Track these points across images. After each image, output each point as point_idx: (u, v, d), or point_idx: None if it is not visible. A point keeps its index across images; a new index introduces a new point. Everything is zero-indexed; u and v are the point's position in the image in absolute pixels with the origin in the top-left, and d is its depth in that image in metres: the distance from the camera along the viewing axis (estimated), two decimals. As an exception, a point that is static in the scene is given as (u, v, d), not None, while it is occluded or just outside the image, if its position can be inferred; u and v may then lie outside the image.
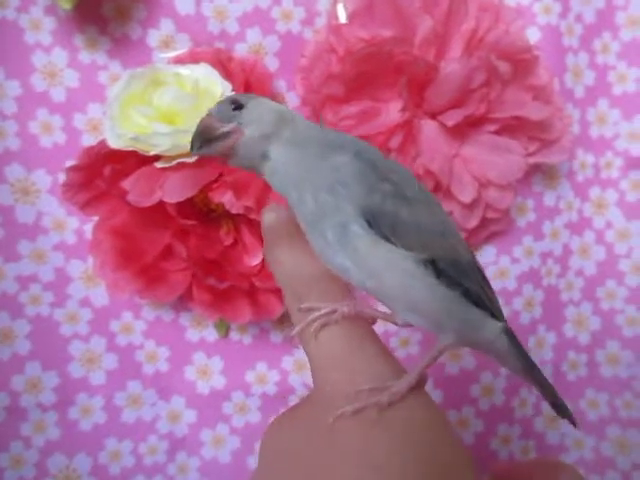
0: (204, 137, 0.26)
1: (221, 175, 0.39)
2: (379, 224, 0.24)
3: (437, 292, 0.25)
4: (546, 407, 0.54)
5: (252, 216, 0.38)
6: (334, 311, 0.26)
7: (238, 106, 0.26)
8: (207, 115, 0.27)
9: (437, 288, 0.25)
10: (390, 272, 0.24)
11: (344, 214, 0.24)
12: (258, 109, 0.26)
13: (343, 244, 0.24)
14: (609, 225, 0.53)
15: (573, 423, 0.31)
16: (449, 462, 0.23)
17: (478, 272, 0.27)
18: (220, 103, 0.27)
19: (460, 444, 0.24)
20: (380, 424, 0.23)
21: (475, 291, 0.26)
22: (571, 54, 0.49)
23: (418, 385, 0.25)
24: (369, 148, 0.26)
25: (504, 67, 0.40)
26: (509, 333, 0.27)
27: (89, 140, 0.45)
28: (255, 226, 0.43)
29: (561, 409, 0.31)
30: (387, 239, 0.24)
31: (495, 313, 0.27)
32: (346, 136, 0.27)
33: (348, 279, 0.26)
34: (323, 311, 0.26)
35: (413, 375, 0.24)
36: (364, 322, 0.27)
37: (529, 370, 0.29)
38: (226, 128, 0.26)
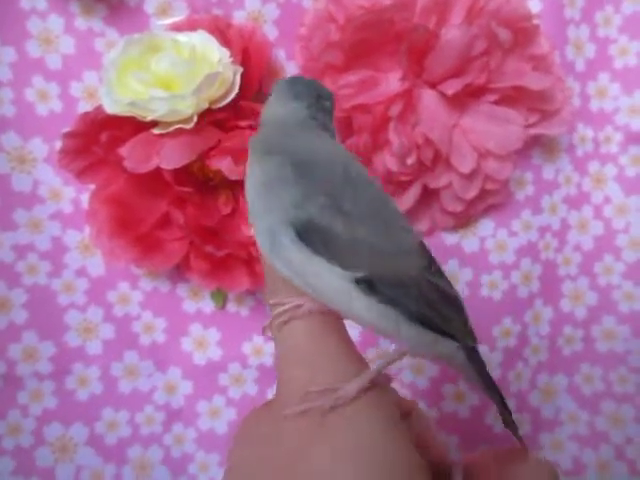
0: None
1: (219, 142, 0.39)
2: (310, 238, 0.23)
3: (374, 311, 0.24)
4: (541, 381, 0.55)
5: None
6: (299, 306, 0.25)
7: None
8: None
9: (374, 307, 0.23)
10: (325, 289, 0.23)
11: (272, 221, 0.23)
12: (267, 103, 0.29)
13: (276, 253, 0.24)
14: (607, 200, 0.53)
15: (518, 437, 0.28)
16: (397, 466, 0.22)
17: (431, 290, 0.24)
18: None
19: (412, 447, 0.23)
20: (323, 428, 0.23)
21: (418, 311, 0.24)
22: (572, 26, 0.49)
23: (377, 386, 0.24)
24: (330, 157, 0.25)
25: (504, 34, 0.40)
26: (470, 353, 0.26)
27: (85, 108, 0.44)
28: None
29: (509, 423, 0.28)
30: (320, 254, 0.23)
31: (452, 332, 0.25)
32: (309, 143, 0.26)
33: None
34: (287, 306, 0.25)
35: (364, 378, 0.23)
36: (334, 317, 0.26)
37: (488, 391, 0.27)
38: None
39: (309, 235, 0.23)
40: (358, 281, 0.23)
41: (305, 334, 0.25)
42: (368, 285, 0.23)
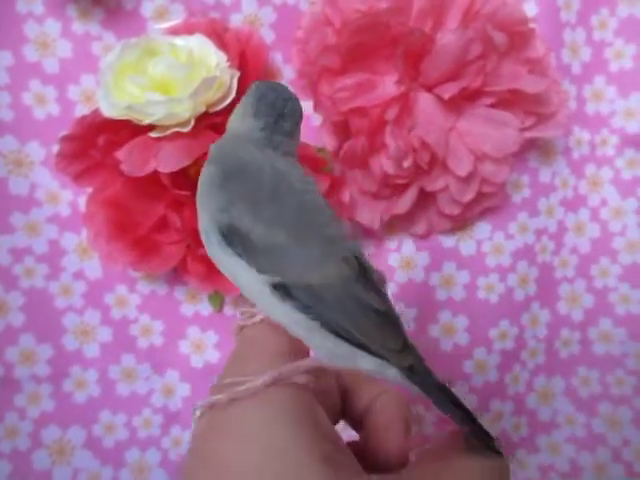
0: None
1: (216, 145, 0.39)
2: (232, 241, 0.24)
3: (289, 317, 0.24)
4: (538, 384, 0.55)
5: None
6: (254, 314, 0.28)
7: None
8: None
9: (289, 313, 0.24)
10: (248, 289, 0.25)
11: (205, 221, 0.25)
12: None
13: (210, 251, 0.25)
14: (604, 203, 0.53)
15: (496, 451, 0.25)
16: (286, 466, 0.21)
17: (352, 302, 0.24)
18: None
19: (310, 447, 0.22)
20: (218, 423, 0.23)
21: (333, 322, 0.24)
22: (568, 29, 0.49)
23: (289, 385, 0.24)
24: (263, 167, 0.25)
25: (500, 38, 0.40)
26: (407, 371, 0.24)
27: (83, 111, 0.45)
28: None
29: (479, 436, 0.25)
30: (241, 257, 0.24)
31: (373, 348, 0.24)
32: (248, 153, 0.26)
33: None
34: (244, 315, 0.29)
35: (268, 375, 0.23)
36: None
37: (442, 408, 0.25)
38: None
39: (231, 238, 0.24)
40: (275, 286, 0.24)
41: (249, 339, 0.27)
42: (284, 291, 0.24)
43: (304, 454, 0.21)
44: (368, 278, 0.25)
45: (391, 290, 0.50)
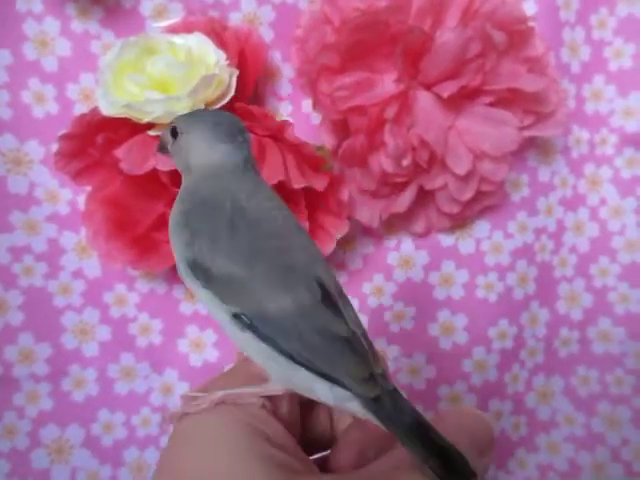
0: (159, 144, 0.31)
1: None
2: (197, 274, 0.25)
3: (251, 345, 0.24)
4: (537, 383, 0.55)
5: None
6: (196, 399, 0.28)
7: (174, 134, 0.29)
8: (165, 131, 0.30)
9: (251, 342, 0.24)
10: (216, 318, 0.25)
11: (177, 255, 0.26)
12: (181, 146, 0.29)
13: (186, 284, 0.26)
14: (603, 202, 0.53)
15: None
16: (237, 471, 0.22)
17: (308, 328, 0.24)
18: (170, 123, 0.29)
19: (261, 454, 0.23)
20: (176, 433, 0.25)
21: (293, 351, 0.24)
22: (568, 28, 0.49)
23: (236, 404, 0.25)
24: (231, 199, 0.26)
25: (499, 37, 0.40)
26: (366, 402, 0.23)
27: (82, 110, 0.45)
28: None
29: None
30: (207, 288, 0.25)
31: (334, 376, 0.23)
32: (227, 186, 0.27)
33: None
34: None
35: (216, 395, 0.24)
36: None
37: (407, 444, 0.23)
38: (166, 146, 0.30)
39: (196, 271, 0.25)
40: (235, 315, 0.24)
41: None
42: (242, 320, 0.24)
43: (256, 460, 0.22)
44: (333, 303, 0.25)
45: (390, 289, 0.50)
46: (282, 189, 0.40)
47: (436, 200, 0.46)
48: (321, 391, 0.24)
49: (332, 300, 0.25)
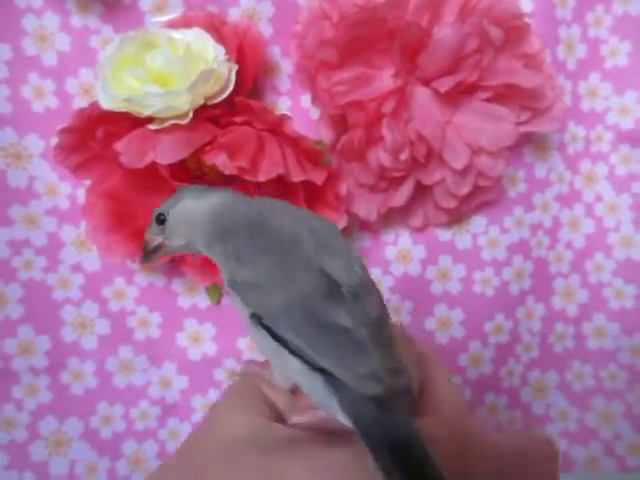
0: (144, 251, 0.32)
1: (214, 137, 0.39)
2: (233, 285, 0.27)
3: (266, 343, 0.26)
4: (532, 378, 0.55)
5: (246, 177, 0.38)
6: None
7: (161, 221, 0.31)
8: (147, 231, 0.32)
9: (266, 340, 0.25)
10: (245, 322, 0.27)
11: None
12: (176, 220, 0.31)
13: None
14: (599, 198, 0.54)
15: None
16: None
17: (314, 323, 0.24)
18: (154, 218, 0.32)
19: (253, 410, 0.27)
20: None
21: (294, 345, 0.24)
22: (564, 26, 0.49)
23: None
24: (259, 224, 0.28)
25: (496, 33, 0.40)
26: (371, 400, 0.22)
27: (81, 104, 0.45)
28: (249, 190, 0.43)
29: None
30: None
31: (337, 373, 0.22)
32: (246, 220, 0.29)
33: None
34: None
35: (311, 415, 0.26)
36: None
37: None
38: (155, 242, 0.32)
39: (231, 283, 0.27)
40: (251, 315, 0.26)
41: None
42: (257, 320, 0.26)
43: (251, 413, 0.27)
44: (337, 293, 0.25)
45: (387, 283, 0.50)
46: (281, 182, 0.40)
47: (434, 195, 0.46)
48: (315, 389, 0.24)
49: (337, 290, 0.25)
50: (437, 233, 0.50)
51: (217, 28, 0.43)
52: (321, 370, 0.23)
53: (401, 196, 0.45)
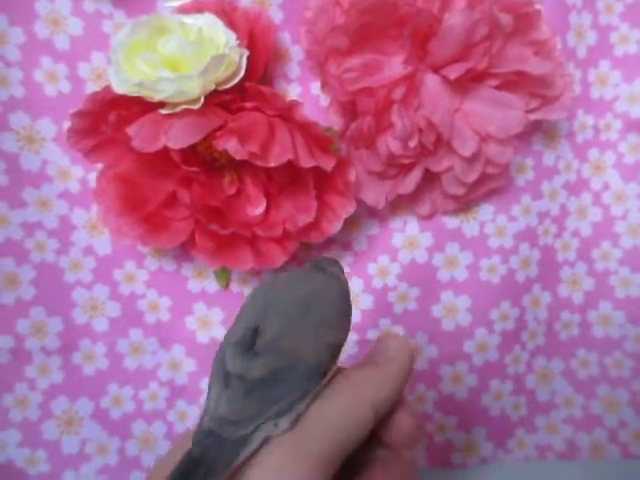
0: None
1: (225, 123, 0.39)
2: None
3: None
4: (538, 365, 0.56)
5: (257, 162, 0.39)
6: None
7: None
8: None
9: None
10: None
11: None
12: None
13: None
14: (606, 187, 0.54)
15: None
16: None
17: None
18: None
19: None
20: None
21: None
22: (574, 13, 0.49)
23: None
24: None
25: (506, 19, 0.40)
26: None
27: (93, 89, 0.45)
28: (259, 176, 0.43)
29: None
30: None
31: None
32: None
33: None
34: None
35: None
36: None
37: None
38: None
39: None
40: None
41: None
42: None
43: None
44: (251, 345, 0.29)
45: (394, 270, 0.51)
46: (290, 168, 0.40)
47: (442, 182, 0.46)
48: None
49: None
50: (445, 220, 0.51)
51: (228, 14, 0.43)
52: None
53: (409, 183, 0.46)
